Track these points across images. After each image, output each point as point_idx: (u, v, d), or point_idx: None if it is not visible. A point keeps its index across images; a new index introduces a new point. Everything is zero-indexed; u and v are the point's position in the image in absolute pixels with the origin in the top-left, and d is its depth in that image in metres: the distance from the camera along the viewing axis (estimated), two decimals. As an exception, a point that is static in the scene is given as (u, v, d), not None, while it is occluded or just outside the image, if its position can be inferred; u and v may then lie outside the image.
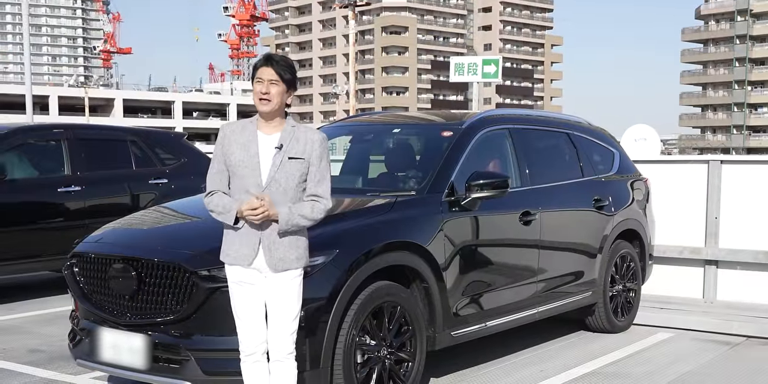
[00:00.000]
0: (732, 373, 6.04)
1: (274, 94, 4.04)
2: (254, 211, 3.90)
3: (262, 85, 4.05)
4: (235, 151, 4.06)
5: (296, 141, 4.07)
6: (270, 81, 4.04)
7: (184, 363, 4.50)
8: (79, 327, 5.04)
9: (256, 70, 4.10)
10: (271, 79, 4.04)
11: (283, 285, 4.05)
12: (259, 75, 4.07)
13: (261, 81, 4.05)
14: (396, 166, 6.19)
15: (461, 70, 13.49)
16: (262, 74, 4.06)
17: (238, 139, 4.09)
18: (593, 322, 7.14)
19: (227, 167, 4.10)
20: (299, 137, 4.08)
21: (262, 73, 4.06)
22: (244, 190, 4.02)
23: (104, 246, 5.04)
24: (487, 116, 6.37)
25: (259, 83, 4.06)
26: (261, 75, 4.06)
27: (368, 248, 4.83)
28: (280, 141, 4.06)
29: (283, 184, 4.01)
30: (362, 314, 4.74)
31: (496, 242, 5.89)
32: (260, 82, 4.05)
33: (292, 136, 4.08)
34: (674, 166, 8.52)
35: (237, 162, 4.04)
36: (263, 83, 4.04)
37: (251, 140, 4.08)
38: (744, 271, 7.93)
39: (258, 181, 4.01)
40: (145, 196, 9.65)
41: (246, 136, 4.09)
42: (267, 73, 4.05)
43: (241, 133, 4.11)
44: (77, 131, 9.43)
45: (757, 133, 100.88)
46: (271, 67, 4.06)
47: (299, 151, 4.05)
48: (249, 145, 4.06)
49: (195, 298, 4.47)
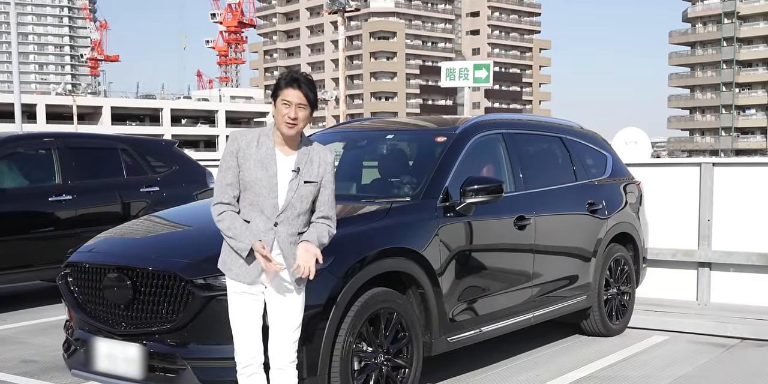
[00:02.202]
0: (728, 376, 6.04)
1: (301, 119, 4.00)
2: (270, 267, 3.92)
3: (290, 109, 3.97)
4: (252, 167, 4.01)
5: (310, 163, 4.06)
6: (298, 105, 3.98)
7: (180, 372, 4.47)
8: (73, 337, 5.00)
9: (279, 90, 4.01)
10: (300, 103, 3.98)
11: (286, 296, 4.06)
12: (286, 97, 3.98)
13: (288, 104, 3.97)
14: (390, 172, 6.18)
15: (452, 75, 13.51)
16: (289, 97, 3.97)
17: (254, 154, 4.02)
18: (588, 326, 7.14)
19: (240, 180, 4.04)
20: (313, 159, 4.07)
21: (289, 95, 3.97)
22: (258, 210, 4.00)
23: (98, 255, 5.01)
24: (481, 121, 6.37)
25: (285, 106, 3.97)
26: (288, 98, 3.97)
27: (364, 255, 4.82)
28: (296, 164, 4.03)
29: (298, 209, 4.03)
30: (359, 321, 4.72)
31: (491, 247, 5.89)
32: (287, 104, 3.97)
33: (307, 158, 4.06)
34: (666, 169, 8.55)
35: (254, 180, 4.00)
36: (291, 107, 3.97)
37: (269, 159, 4.02)
38: (737, 273, 7.95)
39: (275, 204, 4.00)
40: (137, 205, 9.62)
41: (263, 153, 4.03)
42: (295, 96, 3.97)
43: (257, 148, 4.04)
44: (68, 140, 9.39)
45: (745, 134, 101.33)
46: (299, 89, 3.98)
47: (314, 175, 4.05)
48: (267, 165, 4.01)
49: (191, 306, 4.44)
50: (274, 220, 3.99)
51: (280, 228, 4.00)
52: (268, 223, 4.00)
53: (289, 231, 4.02)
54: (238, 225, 3.99)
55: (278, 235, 4.00)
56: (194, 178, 10.37)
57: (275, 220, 3.99)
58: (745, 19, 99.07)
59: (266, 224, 3.99)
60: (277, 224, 4.00)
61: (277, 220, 4.00)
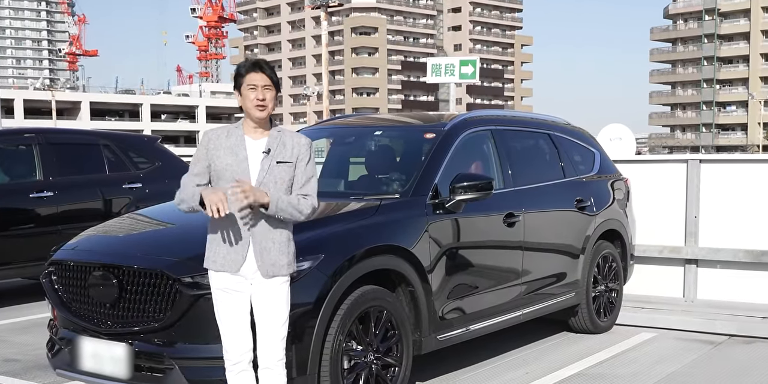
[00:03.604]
0: (717, 373, 6.03)
1: (269, 100, 3.99)
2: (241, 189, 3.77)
3: (257, 92, 3.97)
4: (222, 155, 3.98)
5: (283, 146, 4.01)
6: (264, 87, 3.98)
7: (167, 372, 4.40)
8: (58, 336, 4.92)
9: (242, 77, 4.00)
10: (265, 84, 3.98)
11: (271, 290, 3.98)
12: (251, 81, 3.98)
13: (254, 87, 3.97)
14: (379, 169, 6.12)
15: (438, 71, 13.43)
16: (255, 80, 3.98)
17: (224, 143, 4.02)
18: (576, 323, 7.11)
19: (212, 172, 4.00)
20: (286, 142, 4.03)
21: (254, 79, 3.98)
22: None
23: (83, 253, 4.93)
24: (469, 117, 6.32)
25: (252, 90, 3.97)
26: (253, 81, 3.98)
27: (354, 252, 4.77)
28: (268, 145, 4.00)
29: (272, 189, 3.93)
30: (349, 319, 4.67)
31: (481, 244, 5.85)
32: (254, 88, 3.97)
33: (279, 141, 4.02)
34: (653, 166, 8.52)
35: (225, 166, 3.96)
36: (257, 90, 3.97)
37: (239, 144, 4.01)
38: (724, 269, 7.95)
39: None
40: (119, 201, 9.52)
41: (233, 141, 4.02)
42: (260, 78, 3.98)
43: (227, 137, 4.03)
44: (49, 136, 9.28)
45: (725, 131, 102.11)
46: (262, 72, 3.99)
47: (287, 155, 3.99)
48: (237, 150, 3.99)
49: (178, 305, 4.37)
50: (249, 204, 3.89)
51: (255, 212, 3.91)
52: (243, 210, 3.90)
53: (265, 215, 3.91)
54: (187, 189, 3.94)
55: (255, 219, 3.91)
56: (177, 175, 9.99)
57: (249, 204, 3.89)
58: (725, 16, 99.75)
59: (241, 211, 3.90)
60: (252, 208, 3.89)
61: None
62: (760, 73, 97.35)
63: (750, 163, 8.08)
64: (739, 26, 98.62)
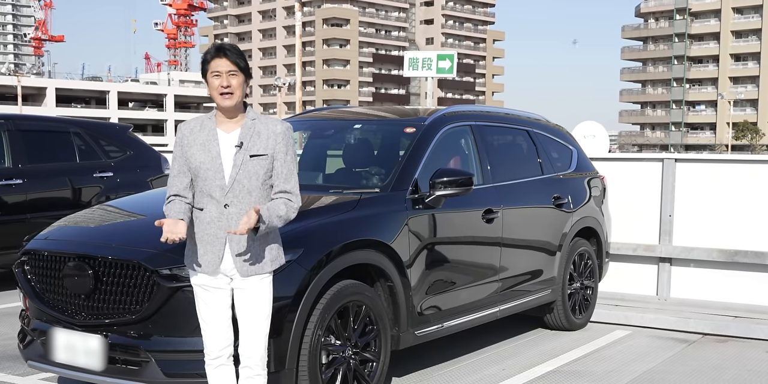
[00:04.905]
0: (691, 371, 6.06)
1: (236, 87, 3.82)
2: None
3: (222, 79, 3.81)
4: (196, 152, 3.86)
5: (257, 136, 3.86)
6: (228, 72, 3.81)
7: (143, 364, 4.33)
8: (30, 327, 4.83)
9: (207, 63, 3.85)
10: (229, 70, 3.81)
11: (252, 287, 3.92)
12: (215, 68, 3.82)
13: (219, 74, 3.81)
14: (359, 163, 6.06)
15: (415, 65, 13.37)
16: (218, 66, 3.81)
17: (197, 138, 3.88)
18: (551, 320, 7.11)
19: (190, 169, 3.89)
20: (260, 131, 3.87)
21: (218, 65, 3.81)
22: (208, 195, 3.84)
23: (58, 243, 4.83)
24: (449, 112, 6.27)
25: (216, 77, 3.81)
26: (217, 68, 3.81)
27: (334, 246, 4.71)
28: (240, 138, 3.84)
29: (247, 185, 3.83)
30: (328, 314, 4.62)
31: (460, 240, 5.82)
32: (218, 75, 3.81)
33: (253, 131, 3.87)
34: (628, 164, 8.53)
35: (199, 164, 3.84)
36: (222, 76, 3.81)
37: (211, 140, 3.86)
38: (697, 268, 7.98)
39: (221, 184, 3.82)
40: (90, 190, 9.39)
41: (205, 135, 3.87)
42: (223, 64, 3.81)
43: (200, 131, 3.89)
44: (18, 122, 9.11)
45: (695, 130, 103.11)
46: (225, 57, 3.81)
47: (261, 147, 3.85)
48: (209, 146, 3.85)
49: (156, 298, 4.29)
50: (224, 202, 3.81)
51: (231, 210, 3.81)
52: (219, 207, 3.82)
53: (241, 212, 3.81)
54: (171, 206, 3.85)
55: (230, 218, 3.81)
56: (149, 164, 10.14)
57: (225, 202, 3.81)
58: (696, 15, 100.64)
59: (218, 208, 3.82)
60: (227, 206, 3.81)
61: (226, 201, 3.81)
62: (729, 73, 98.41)
63: (725, 163, 8.11)
64: (710, 26, 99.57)
